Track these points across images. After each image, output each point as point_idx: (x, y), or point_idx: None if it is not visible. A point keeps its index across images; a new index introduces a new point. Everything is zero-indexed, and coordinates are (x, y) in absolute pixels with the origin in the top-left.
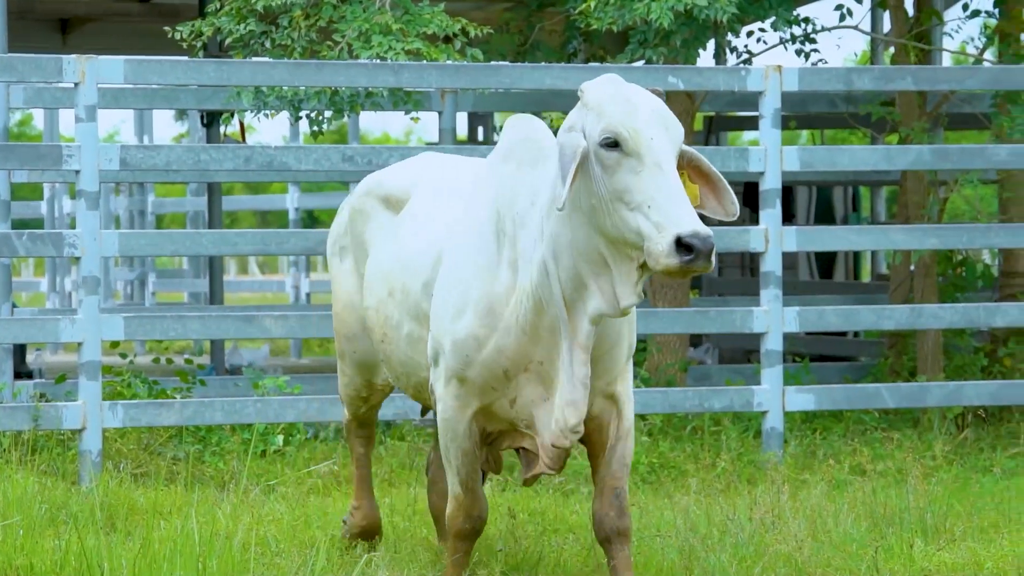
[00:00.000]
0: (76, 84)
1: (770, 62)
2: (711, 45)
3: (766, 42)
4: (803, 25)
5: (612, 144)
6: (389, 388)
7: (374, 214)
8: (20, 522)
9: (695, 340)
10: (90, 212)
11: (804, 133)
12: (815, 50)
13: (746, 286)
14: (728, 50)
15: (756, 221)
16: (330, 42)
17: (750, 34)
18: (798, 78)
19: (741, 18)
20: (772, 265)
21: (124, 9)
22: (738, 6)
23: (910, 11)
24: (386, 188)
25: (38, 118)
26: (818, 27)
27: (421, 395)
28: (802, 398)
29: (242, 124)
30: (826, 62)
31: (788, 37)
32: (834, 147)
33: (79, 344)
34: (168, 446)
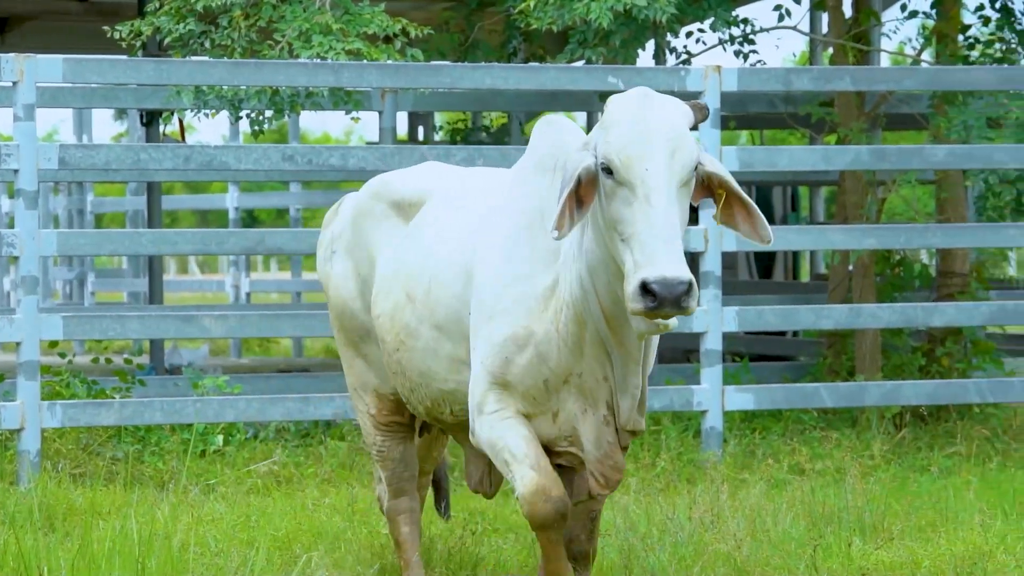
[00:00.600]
0: (14, 83)
1: (709, 63)
2: (650, 45)
3: (705, 43)
4: (742, 26)
5: (608, 170)
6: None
7: (384, 219)
8: None
9: None
10: (29, 211)
11: (744, 133)
12: (754, 51)
13: None
14: (667, 51)
15: (696, 221)
16: (270, 42)
17: (689, 35)
18: (737, 78)
19: (680, 18)
20: (711, 265)
21: (63, 8)
22: (677, 7)
23: (848, 12)
24: (398, 193)
25: None
26: (757, 28)
27: (437, 409)
28: (741, 397)
29: (181, 123)
30: (765, 63)
31: (727, 38)
32: (773, 147)
33: (17, 344)
34: (107, 446)
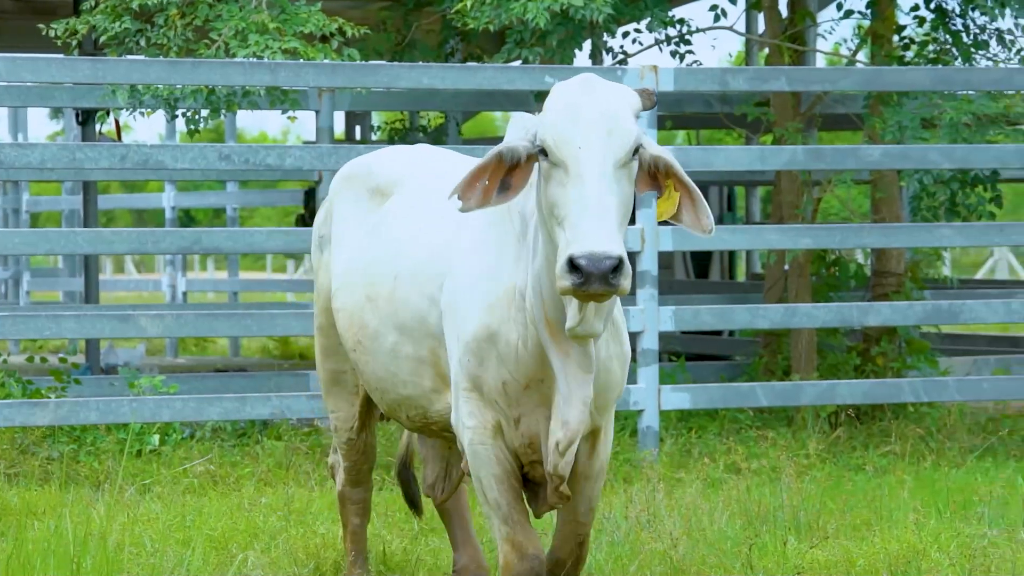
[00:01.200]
0: None
1: (646, 63)
2: (587, 45)
3: (641, 43)
4: (678, 26)
5: (544, 152)
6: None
7: (353, 202)
8: None
9: None
10: None
11: (680, 133)
12: (690, 51)
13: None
14: (604, 51)
15: (633, 221)
16: (206, 41)
17: (626, 35)
18: (673, 78)
19: (617, 19)
20: (648, 264)
21: None
22: (614, 7)
23: (784, 12)
24: (372, 177)
25: None
26: (693, 28)
27: (392, 412)
28: (678, 397)
29: (117, 122)
30: (701, 63)
31: (663, 38)
32: (709, 147)
33: None
34: (42, 446)
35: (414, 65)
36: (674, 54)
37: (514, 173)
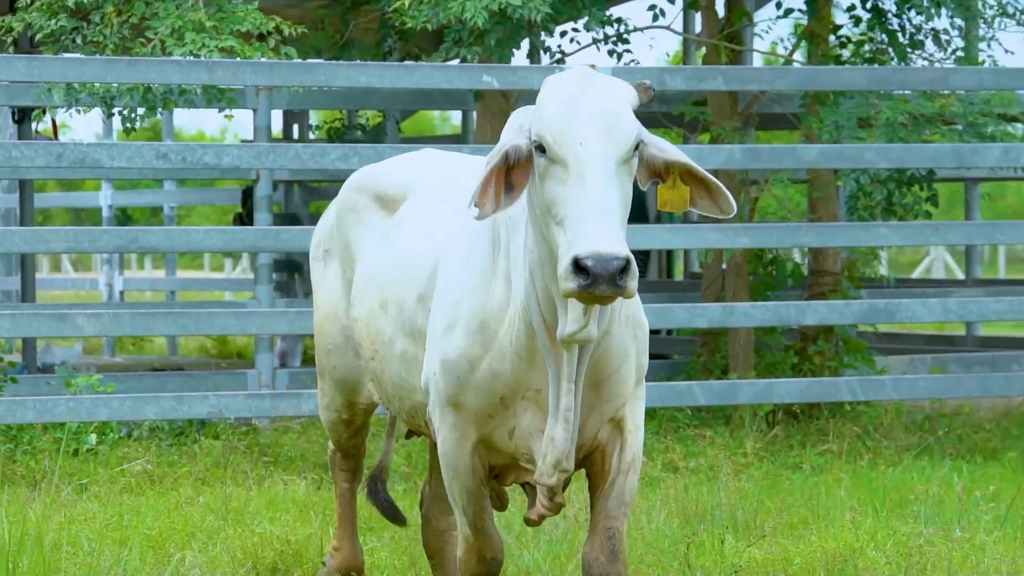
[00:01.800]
0: None
1: (583, 62)
2: (525, 44)
3: (579, 42)
4: (616, 25)
5: (541, 148)
6: (372, 406)
7: (366, 213)
8: None
9: None
10: None
11: None
12: (628, 50)
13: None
14: (542, 50)
15: None
16: (143, 39)
17: (563, 34)
18: None
19: (555, 18)
20: None
21: None
22: (552, 6)
23: (721, 12)
24: (382, 185)
25: None
26: (631, 27)
27: (414, 421)
28: None
29: (54, 121)
30: (639, 62)
31: (601, 37)
32: None
33: None
34: None
35: (352, 64)
36: (612, 53)
37: (514, 172)
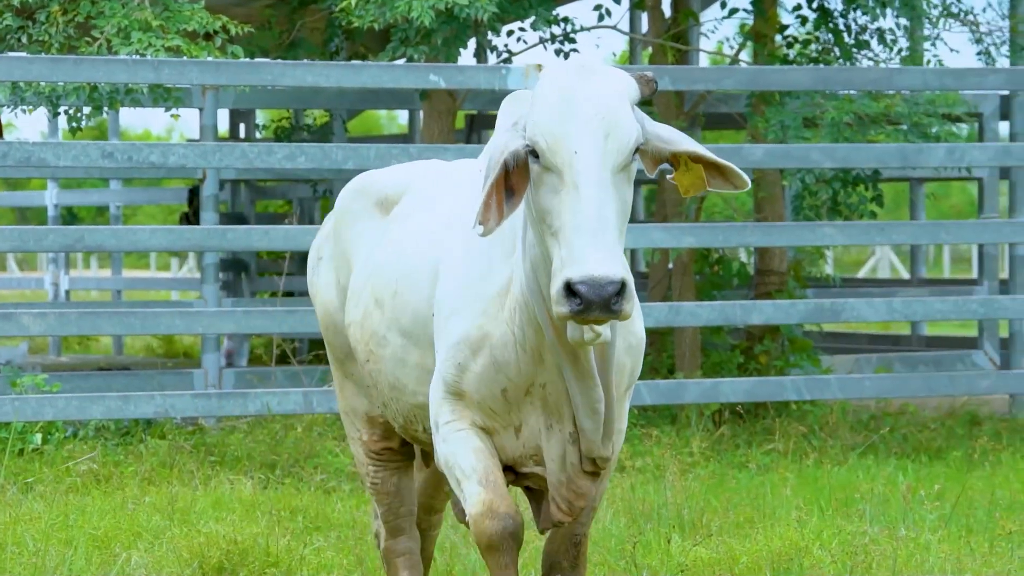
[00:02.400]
0: None
1: (530, 61)
2: (472, 44)
3: (526, 41)
4: (563, 25)
5: (534, 153)
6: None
7: (364, 216)
8: None
9: None
10: None
11: None
12: (575, 50)
13: None
14: (489, 49)
15: None
16: (89, 38)
17: (510, 33)
18: None
19: (501, 17)
20: None
21: None
22: (498, 5)
23: (667, 12)
24: (382, 188)
25: None
26: (577, 27)
27: (410, 427)
28: None
29: None
30: None
31: (548, 37)
32: None
33: None
34: None
35: (298, 63)
36: (558, 53)
37: (513, 175)
